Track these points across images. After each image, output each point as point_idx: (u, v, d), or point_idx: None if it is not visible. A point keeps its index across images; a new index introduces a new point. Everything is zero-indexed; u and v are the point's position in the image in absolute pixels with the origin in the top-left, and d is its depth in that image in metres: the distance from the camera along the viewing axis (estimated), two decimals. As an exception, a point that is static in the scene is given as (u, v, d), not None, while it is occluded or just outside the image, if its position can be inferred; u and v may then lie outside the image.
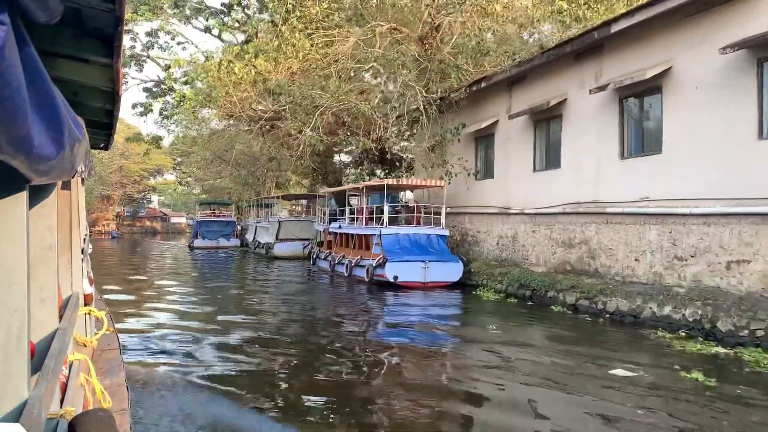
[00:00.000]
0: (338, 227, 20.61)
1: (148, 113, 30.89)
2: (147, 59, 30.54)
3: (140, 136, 41.94)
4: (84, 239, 5.07)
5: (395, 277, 15.54)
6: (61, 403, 2.34)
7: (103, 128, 4.26)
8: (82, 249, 4.66)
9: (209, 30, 28.95)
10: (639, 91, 11.81)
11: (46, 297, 2.63)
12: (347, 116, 19.04)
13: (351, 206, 21.64)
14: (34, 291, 2.36)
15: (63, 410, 2.18)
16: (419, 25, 18.13)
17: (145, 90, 31.99)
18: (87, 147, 2.96)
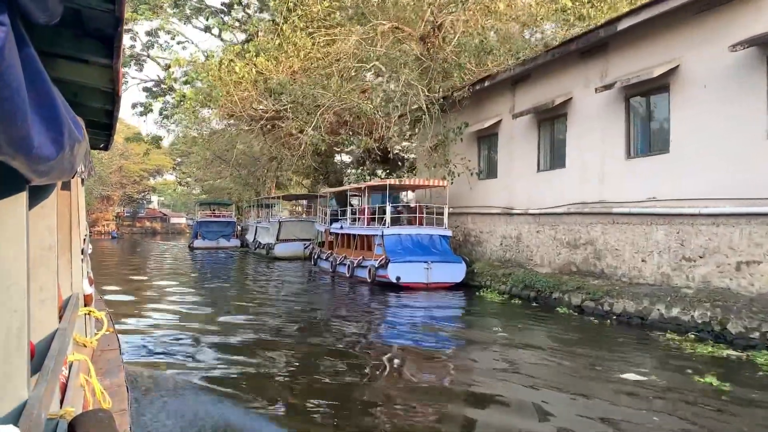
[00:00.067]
0: (340, 227, 20.46)
1: (148, 113, 30.71)
2: (147, 59, 30.39)
3: (140, 136, 41.78)
4: (84, 240, 5.07)
5: (398, 278, 15.39)
6: (61, 404, 2.35)
7: (103, 129, 4.30)
8: (82, 249, 4.67)
9: (209, 29, 28.79)
10: (645, 90, 11.66)
11: (46, 297, 2.63)
12: (349, 115, 18.90)
13: (352, 206, 21.51)
14: (34, 291, 2.36)
15: (63, 411, 2.18)
16: (421, 24, 17.98)
17: (145, 90, 31.84)
18: (87, 147, 2.98)
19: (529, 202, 15.24)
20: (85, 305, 4.07)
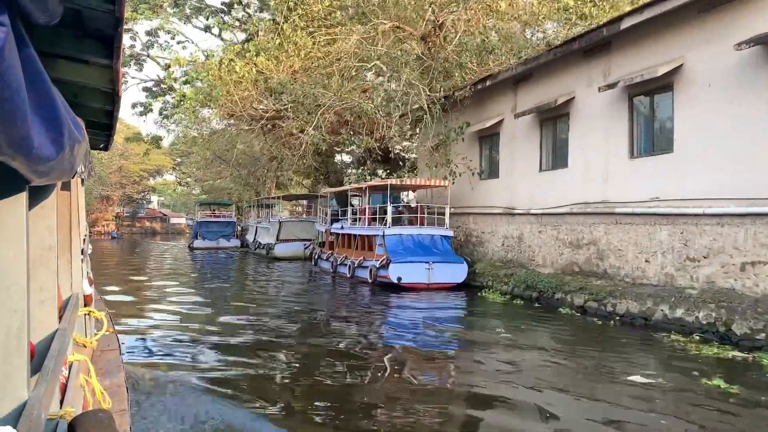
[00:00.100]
0: (340, 228, 20.38)
1: (148, 113, 30.68)
2: (147, 58, 30.33)
3: (140, 136, 41.73)
4: (84, 240, 5.05)
5: (399, 279, 15.31)
6: (61, 404, 2.36)
7: (103, 129, 4.32)
8: (82, 250, 4.69)
9: (209, 29, 28.72)
10: (649, 89, 11.58)
11: (46, 298, 2.64)
12: (350, 115, 18.82)
13: (353, 206, 21.43)
14: (34, 292, 2.36)
15: (63, 411, 2.19)
16: (422, 23, 17.90)
17: (145, 89, 31.80)
18: (87, 148, 2.99)
19: (531, 202, 15.15)
20: (85, 305, 4.07)
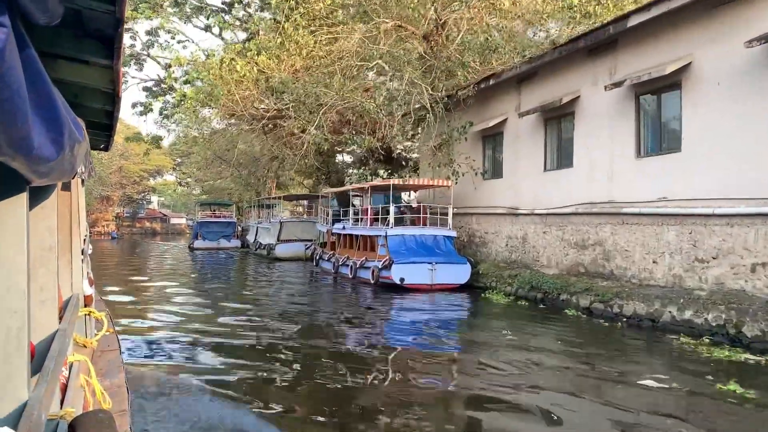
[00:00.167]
0: (342, 228, 20.22)
1: (148, 113, 30.48)
2: (147, 58, 30.15)
3: (140, 136, 41.51)
4: (84, 240, 5.00)
5: (402, 279, 15.16)
6: (61, 405, 2.36)
7: (104, 129, 4.35)
8: (83, 250, 4.67)
9: (209, 29, 28.55)
10: (656, 88, 11.42)
11: (46, 298, 2.65)
12: (352, 114, 18.67)
13: (354, 207, 21.28)
14: (34, 292, 2.37)
15: (63, 411, 2.19)
16: (424, 22, 17.74)
17: (145, 89, 31.60)
18: (87, 148, 3.02)
19: (536, 202, 15.00)
20: (86, 306, 4.08)
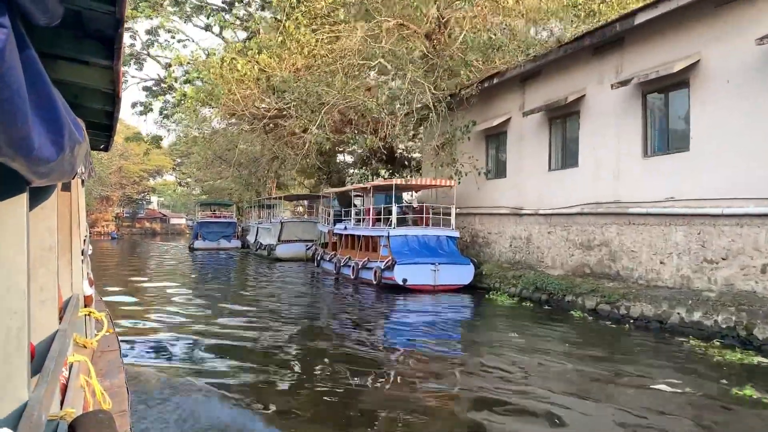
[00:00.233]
0: (344, 228, 20.06)
1: (148, 113, 30.39)
2: (147, 57, 30.01)
3: (140, 136, 41.37)
4: (84, 240, 4.96)
5: (404, 280, 15.00)
6: (61, 405, 2.36)
7: (104, 130, 4.29)
8: (83, 250, 4.65)
9: (210, 28, 28.40)
10: (664, 86, 11.27)
11: (46, 298, 2.65)
12: (354, 114, 18.51)
13: (356, 207, 21.12)
14: (34, 292, 2.36)
15: (63, 412, 2.19)
16: (427, 21, 17.59)
17: (145, 89, 31.47)
18: (87, 148, 3.02)
19: (540, 202, 14.84)
20: (86, 306, 4.09)
